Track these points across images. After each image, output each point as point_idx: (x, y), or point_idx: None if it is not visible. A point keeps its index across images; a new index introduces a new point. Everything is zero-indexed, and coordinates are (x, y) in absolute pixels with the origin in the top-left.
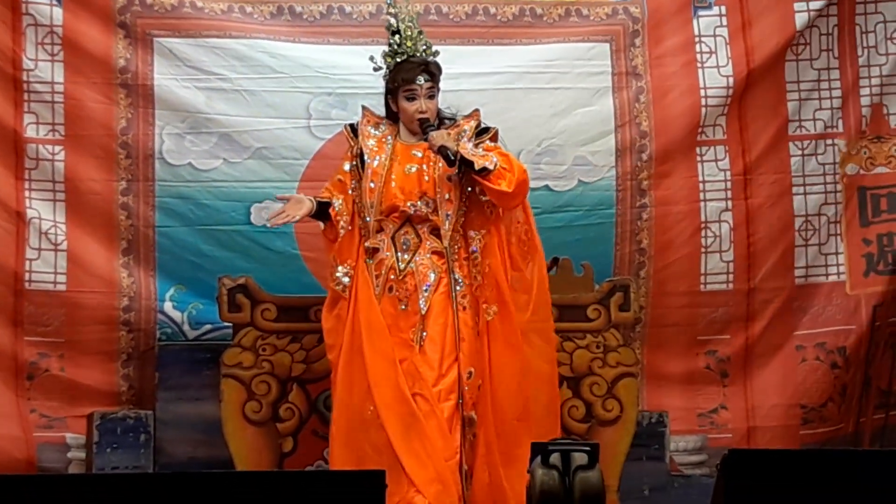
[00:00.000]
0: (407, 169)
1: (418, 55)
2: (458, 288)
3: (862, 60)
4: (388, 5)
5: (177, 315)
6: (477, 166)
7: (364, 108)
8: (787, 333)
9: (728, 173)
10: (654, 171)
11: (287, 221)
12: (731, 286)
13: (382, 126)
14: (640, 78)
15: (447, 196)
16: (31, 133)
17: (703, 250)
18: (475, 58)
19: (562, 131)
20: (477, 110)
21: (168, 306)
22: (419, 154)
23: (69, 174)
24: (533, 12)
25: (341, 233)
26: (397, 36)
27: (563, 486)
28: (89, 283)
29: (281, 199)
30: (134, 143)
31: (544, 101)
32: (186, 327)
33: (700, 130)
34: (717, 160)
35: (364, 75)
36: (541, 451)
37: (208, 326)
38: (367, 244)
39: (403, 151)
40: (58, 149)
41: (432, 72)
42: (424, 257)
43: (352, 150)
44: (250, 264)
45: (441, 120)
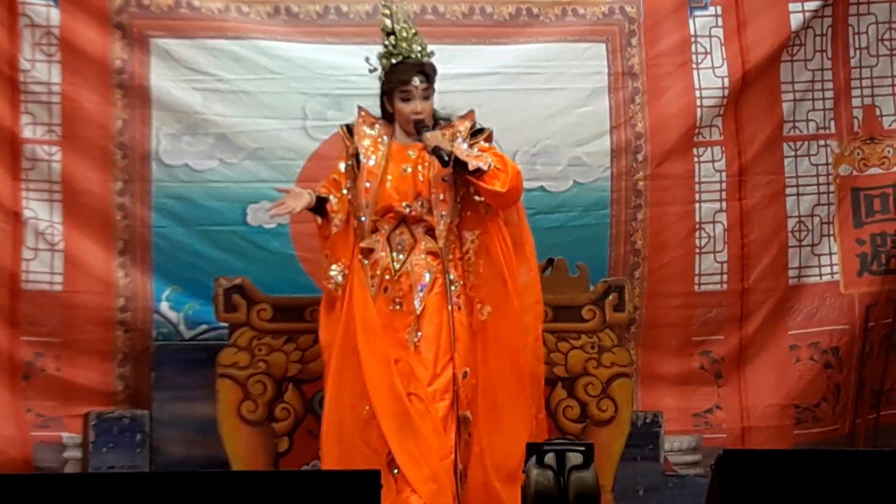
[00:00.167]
0: (402, 169)
1: (413, 56)
2: (452, 288)
3: (854, 62)
4: (383, 6)
5: (173, 315)
6: (471, 167)
7: (360, 108)
8: (781, 334)
9: (724, 174)
10: (650, 171)
11: (287, 213)
12: (725, 287)
13: (378, 126)
14: (637, 78)
15: (442, 196)
16: (27, 133)
17: (697, 251)
18: (472, 57)
19: (557, 132)
20: (472, 111)
21: (164, 306)
22: (414, 155)
23: (66, 175)
24: (529, 12)
25: (334, 230)
26: (392, 37)
27: (557, 486)
28: (86, 284)
29: (281, 191)
30: (130, 144)
31: (540, 102)
32: (182, 327)
33: (697, 131)
34: (713, 161)
35: (360, 76)
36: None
37: (204, 326)
38: (362, 244)
39: (399, 152)
40: (54, 149)
41: (427, 73)
42: (419, 257)
43: (347, 149)
44: (246, 265)
45: (436, 121)
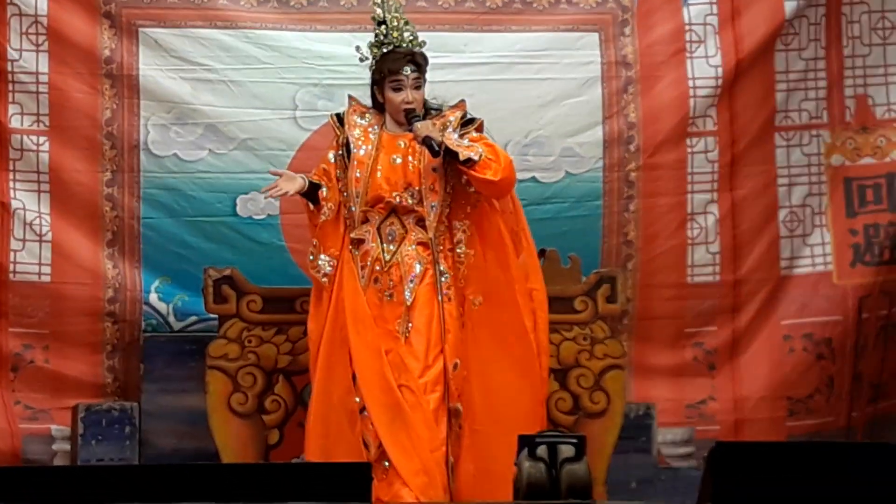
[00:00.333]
0: (392, 159)
1: (404, 45)
2: (443, 279)
3: (847, 51)
4: None
5: (162, 306)
6: (461, 157)
7: (350, 97)
8: (774, 324)
9: (716, 165)
10: (642, 162)
11: (279, 195)
12: (717, 278)
13: (369, 116)
14: (630, 68)
15: (432, 187)
16: (15, 123)
17: (689, 242)
18: (464, 45)
19: (549, 122)
20: (463, 101)
21: (153, 298)
22: (405, 145)
23: (54, 165)
24: None
25: (323, 218)
26: (383, 26)
27: (549, 478)
28: (74, 275)
29: (274, 174)
30: (119, 134)
31: (532, 92)
32: (172, 319)
33: (690, 121)
34: (706, 151)
35: (351, 66)
36: (528, 443)
37: (194, 318)
38: (352, 235)
39: (389, 142)
40: (42, 139)
41: (418, 62)
42: (410, 248)
43: (338, 139)
44: (236, 256)
45: (427, 110)
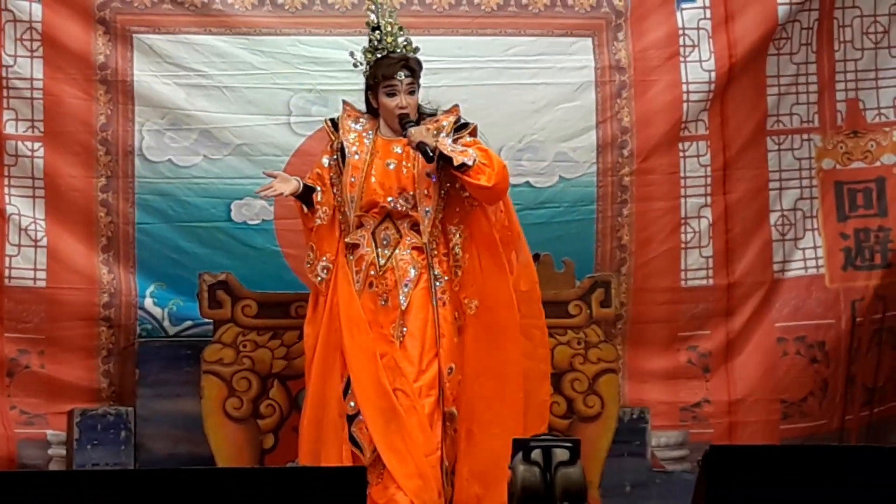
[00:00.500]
0: (387, 164)
1: (398, 51)
2: (437, 284)
3: (838, 55)
4: (369, 0)
5: (157, 311)
6: (455, 162)
7: (345, 102)
8: (767, 327)
9: (708, 169)
10: (636, 167)
11: (274, 195)
12: (710, 281)
13: (363, 121)
14: (624, 72)
15: (426, 192)
16: (10, 129)
17: (683, 246)
18: (458, 50)
19: (543, 127)
20: (456, 106)
21: (148, 303)
22: (399, 150)
23: (48, 171)
24: (518, 2)
25: (317, 222)
26: (377, 32)
27: (544, 482)
28: (69, 280)
29: (269, 175)
30: (113, 140)
31: (526, 97)
32: (167, 324)
33: (683, 126)
34: (698, 156)
35: (345, 71)
36: (522, 446)
37: (188, 323)
38: (347, 240)
39: (383, 147)
40: (37, 145)
41: (412, 67)
42: (404, 253)
43: (332, 144)
44: (231, 261)
45: (421, 115)
